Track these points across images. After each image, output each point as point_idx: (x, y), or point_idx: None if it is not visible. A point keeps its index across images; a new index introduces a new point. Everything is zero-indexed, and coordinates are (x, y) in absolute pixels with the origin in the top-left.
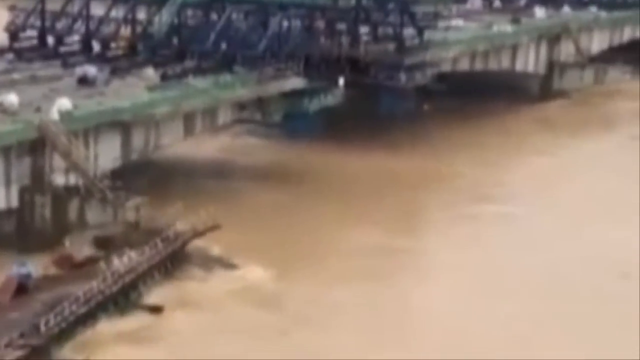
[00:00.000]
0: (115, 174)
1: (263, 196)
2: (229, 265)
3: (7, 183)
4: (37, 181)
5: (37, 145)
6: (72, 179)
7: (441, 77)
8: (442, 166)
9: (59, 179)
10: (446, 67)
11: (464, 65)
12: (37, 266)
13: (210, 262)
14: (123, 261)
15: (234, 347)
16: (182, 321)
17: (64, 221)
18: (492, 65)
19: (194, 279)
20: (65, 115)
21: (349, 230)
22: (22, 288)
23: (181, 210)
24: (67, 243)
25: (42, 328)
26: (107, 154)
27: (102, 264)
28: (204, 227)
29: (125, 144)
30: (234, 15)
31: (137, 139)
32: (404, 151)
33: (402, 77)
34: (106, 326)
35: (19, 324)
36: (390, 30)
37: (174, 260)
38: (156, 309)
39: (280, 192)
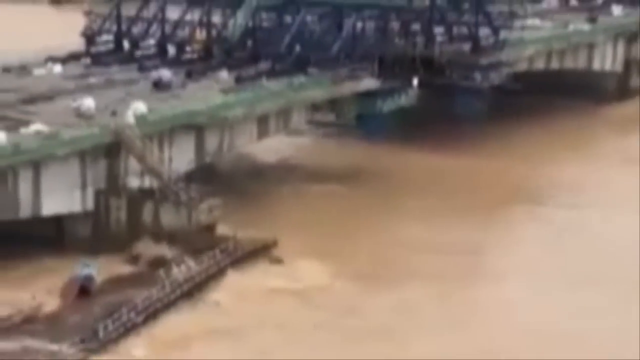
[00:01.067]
0: (190, 176)
1: (333, 196)
2: (293, 266)
3: (83, 186)
4: (113, 184)
5: (112, 149)
6: (147, 182)
7: (517, 77)
8: (517, 165)
9: (134, 182)
10: (522, 67)
11: (539, 64)
12: (102, 268)
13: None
14: (182, 270)
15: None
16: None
17: (138, 224)
18: (569, 64)
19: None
20: (140, 119)
21: (426, 228)
22: (85, 290)
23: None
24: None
25: (101, 334)
26: (181, 157)
27: (161, 272)
28: (263, 244)
29: (199, 147)
30: (308, 18)
31: (211, 142)
32: (480, 151)
33: (477, 76)
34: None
35: (79, 329)
36: (465, 30)
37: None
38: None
39: (352, 193)
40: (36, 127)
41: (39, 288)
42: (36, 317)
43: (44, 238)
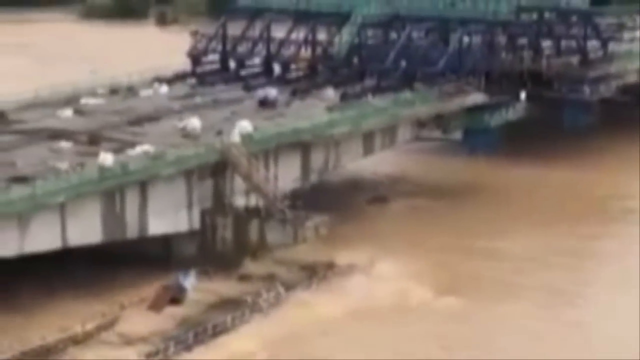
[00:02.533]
0: (295, 194)
1: (434, 212)
2: (393, 283)
3: (190, 205)
4: (219, 203)
5: (218, 168)
6: (253, 200)
7: (626, 89)
8: (627, 181)
9: (240, 201)
10: (631, 79)
11: None
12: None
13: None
14: (269, 298)
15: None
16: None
17: (244, 242)
18: None
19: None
20: (246, 138)
21: (530, 241)
22: (176, 300)
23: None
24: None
25: (171, 349)
26: (287, 175)
27: (248, 299)
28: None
29: (305, 164)
30: (414, 33)
31: (317, 159)
32: (588, 164)
33: (586, 89)
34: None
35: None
36: (573, 43)
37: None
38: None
39: (452, 208)
40: (143, 148)
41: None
42: (113, 326)
43: (151, 257)
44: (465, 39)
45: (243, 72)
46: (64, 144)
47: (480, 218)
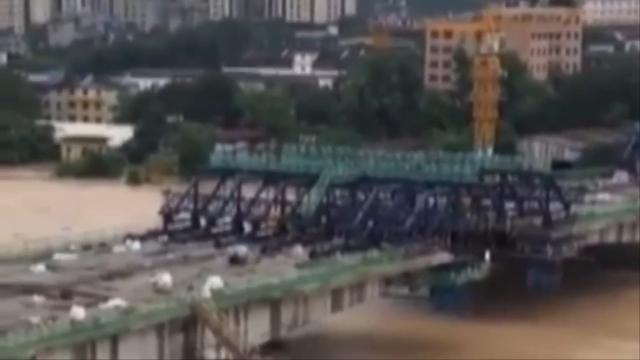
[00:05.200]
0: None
1: None
2: None
3: (160, 358)
4: (189, 356)
5: (189, 322)
6: (223, 354)
7: (589, 250)
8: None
9: (210, 354)
10: (593, 240)
11: (611, 237)
12: None
13: None
14: None
15: None
16: None
17: None
18: None
19: None
20: (216, 293)
21: None
22: None
23: None
24: None
25: None
26: (256, 329)
27: None
28: None
29: (275, 320)
30: (381, 194)
31: (286, 315)
32: (548, 323)
33: (549, 250)
34: None
35: None
36: (536, 205)
37: None
38: None
39: None
40: (115, 302)
41: None
42: None
43: None
44: (431, 200)
45: (214, 230)
46: (37, 298)
47: None
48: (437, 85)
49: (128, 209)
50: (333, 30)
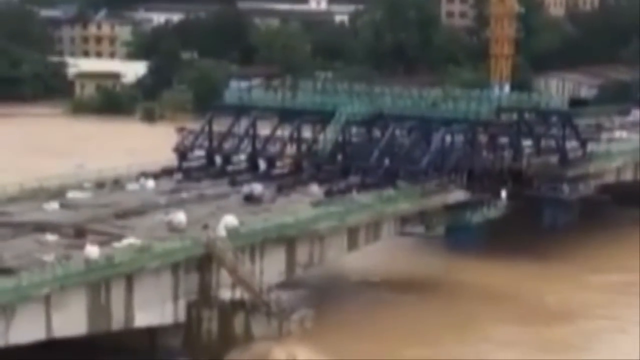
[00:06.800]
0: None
1: (411, 306)
2: None
3: (175, 298)
4: (204, 296)
5: (204, 262)
6: (238, 294)
7: (605, 188)
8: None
9: (226, 294)
10: (610, 178)
11: (627, 175)
12: None
13: None
14: None
15: None
16: None
17: (230, 335)
18: None
19: None
20: (231, 232)
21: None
22: None
23: None
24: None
25: None
26: (272, 269)
27: None
28: None
29: (290, 259)
30: (397, 132)
31: (302, 254)
32: (562, 263)
33: (565, 189)
34: None
35: None
36: (553, 143)
37: None
38: None
39: (427, 304)
40: (129, 241)
41: None
42: None
43: (136, 349)
44: (448, 138)
45: (229, 168)
46: (50, 237)
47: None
48: (454, 22)
49: (142, 146)
50: None
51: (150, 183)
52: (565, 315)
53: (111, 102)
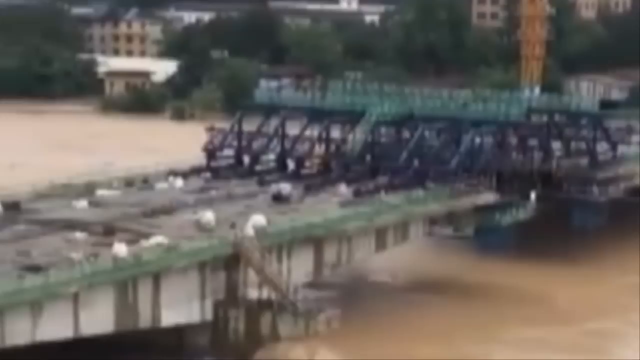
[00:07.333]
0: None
1: (438, 308)
2: None
3: (202, 297)
4: (231, 295)
5: (231, 261)
6: (265, 293)
7: (635, 191)
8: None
9: (253, 293)
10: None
11: None
12: None
13: None
14: None
15: None
16: None
17: (256, 334)
18: None
19: None
20: (259, 232)
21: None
22: None
23: None
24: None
25: None
26: (299, 269)
27: None
28: None
29: (318, 259)
30: (426, 132)
31: (329, 254)
32: (592, 265)
33: (595, 190)
34: None
35: None
36: (583, 145)
37: None
38: None
39: (454, 304)
40: (157, 239)
41: None
42: None
43: (163, 348)
44: (477, 139)
45: (257, 167)
46: (79, 235)
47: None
48: (485, 23)
49: (171, 145)
50: None
51: (179, 182)
52: (594, 317)
53: (141, 100)
